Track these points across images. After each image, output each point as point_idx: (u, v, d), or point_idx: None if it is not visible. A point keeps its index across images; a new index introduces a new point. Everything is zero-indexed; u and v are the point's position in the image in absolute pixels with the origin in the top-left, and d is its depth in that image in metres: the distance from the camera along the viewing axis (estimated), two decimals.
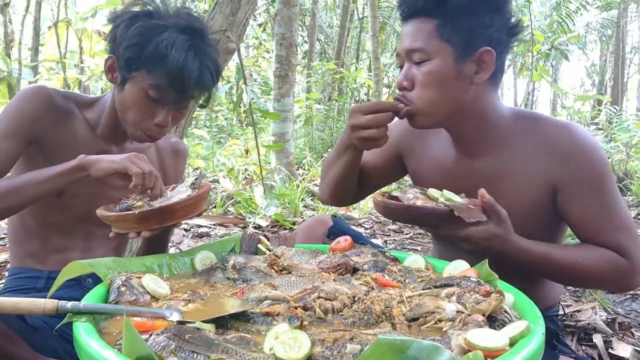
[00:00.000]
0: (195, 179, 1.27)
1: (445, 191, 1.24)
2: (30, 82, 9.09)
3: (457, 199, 1.21)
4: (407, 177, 1.64)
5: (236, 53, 2.41)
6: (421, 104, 1.24)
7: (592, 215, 1.24)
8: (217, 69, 1.34)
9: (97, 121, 1.39)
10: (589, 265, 1.21)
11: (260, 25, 11.55)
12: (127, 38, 1.26)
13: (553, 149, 1.24)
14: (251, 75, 10.86)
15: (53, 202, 1.36)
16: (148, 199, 1.22)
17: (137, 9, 1.33)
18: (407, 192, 1.23)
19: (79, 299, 0.88)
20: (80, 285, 1.37)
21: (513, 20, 1.24)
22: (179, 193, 1.23)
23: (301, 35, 11.83)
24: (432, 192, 1.23)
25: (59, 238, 1.40)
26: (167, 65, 1.23)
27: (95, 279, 1.01)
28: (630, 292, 1.46)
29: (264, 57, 11.74)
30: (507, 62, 1.27)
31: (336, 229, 1.48)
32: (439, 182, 1.33)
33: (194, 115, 2.34)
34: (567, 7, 13.06)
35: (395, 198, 1.22)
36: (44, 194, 1.21)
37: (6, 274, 2.51)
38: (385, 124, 1.24)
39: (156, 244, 1.41)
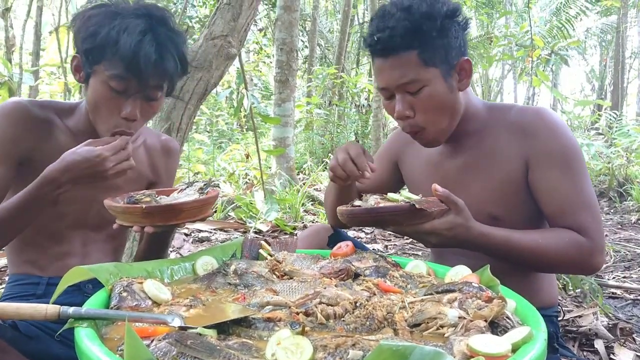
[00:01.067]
0: (204, 184, 1.27)
1: (402, 191, 1.28)
2: (31, 87, 9.11)
3: (415, 196, 1.23)
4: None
5: (237, 58, 2.41)
6: (430, 126, 1.32)
7: (557, 190, 1.28)
8: (182, 54, 1.27)
9: (79, 128, 1.35)
10: (549, 246, 1.24)
11: (260, 30, 11.58)
12: (83, 31, 1.23)
13: (523, 128, 1.33)
14: (252, 80, 10.88)
15: (50, 210, 1.32)
16: (158, 197, 1.21)
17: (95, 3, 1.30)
18: (369, 200, 1.25)
19: (78, 305, 0.88)
20: (80, 291, 1.36)
21: (461, 18, 1.31)
22: (187, 196, 1.23)
23: (302, 40, 11.85)
24: (391, 195, 1.25)
25: (57, 245, 1.38)
26: (120, 51, 1.18)
27: (96, 285, 1.00)
28: (593, 273, 1.43)
29: (264, 62, 11.77)
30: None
31: (337, 237, 1.49)
32: (426, 180, 1.39)
33: (194, 120, 2.35)
34: (566, 13, 13.11)
35: (358, 206, 1.24)
36: (27, 224, 1.22)
37: (6, 279, 2.51)
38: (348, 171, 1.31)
39: (157, 245, 1.40)
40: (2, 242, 1.24)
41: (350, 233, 1.63)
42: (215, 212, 4.16)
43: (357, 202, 1.26)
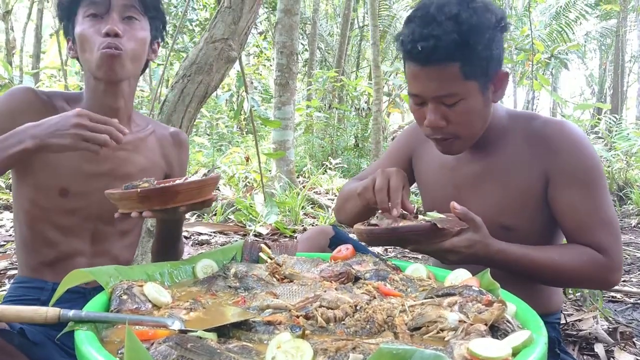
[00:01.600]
0: (208, 170, 1.28)
1: (420, 216, 1.27)
2: None
3: (436, 214, 1.24)
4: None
5: (237, 61, 2.41)
6: (464, 136, 1.29)
7: (578, 207, 1.27)
8: None
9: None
10: (566, 263, 1.24)
11: (261, 33, 11.60)
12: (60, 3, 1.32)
13: (546, 141, 1.30)
14: (252, 83, 10.90)
15: (58, 203, 1.33)
16: (155, 182, 1.20)
17: None
18: (383, 219, 1.25)
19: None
20: (84, 299, 1.35)
21: (504, 24, 1.26)
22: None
23: (302, 43, 11.88)
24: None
25: (70, 241, 1.36)
26: None
27: (97, 289, 1.00)
28: (612, 289, 1.46)
29: (264, 65, 11.79)
30: (507, 71, 1.31)
31: (338, 239, 1.49)
32: (440, 182, 1.38)
33: (194, 123, 2.35)
34: (566, 17, 13.13)
35: (374, 225, 1.24)
36: None
37: (6, 281, 2.51)
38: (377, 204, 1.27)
39: (168, 239, 1.39)
40: None
41: (351, 235, 1.63)
42: (215, 215, 4.16)
43: (373, 221, 1.25)
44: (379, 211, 1.27)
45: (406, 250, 3.49)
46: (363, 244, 1.40)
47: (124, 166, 1.38)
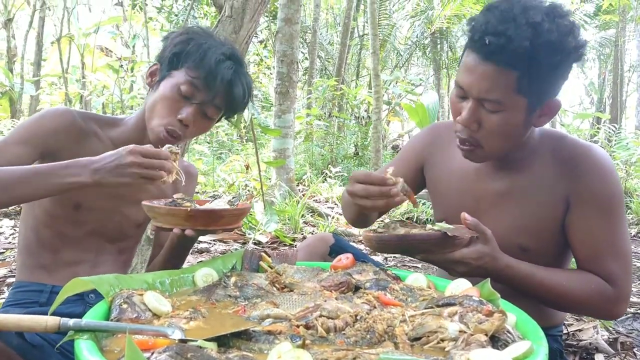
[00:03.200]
0: (233, 197, 1.32)
1: (428, 225, 1.25)
2: (32, 97, 9.14)
3: (445, 225, 1.22)
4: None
5: None
6: (488, 148, 1.25)
7: (593, 235, 1.25)
8: (250, 90, 1.41)
9: (121, 140, 1.39)
10: (573, 289, 1.23)
11: (261, 42, 11.65)
12: (175, 40, 1.38)
13: (573, 166, 1.27)
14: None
15: (70, 215, 1.38)
16: (195, 203, 1.26)
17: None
18: (390, 226, 1.26)
19: (81, 315, 0.88)
20: (83, 301, 1.37)
21: (580, 52, 1.18)
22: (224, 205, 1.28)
23: (302, 52, 11.92)
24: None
25: (71, 251, 1.41)
26: (204, 62, 1.31)
27: (98, 295, 1.00)
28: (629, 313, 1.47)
29: (264, 74, 11.83)
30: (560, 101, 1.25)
31: (338, 247, 1.49)
32: (457, 193, 1.35)
33: None
34: None
35: (382, 232, 1.25)
36: (40, 196, 1.19)
37: (5, 288, 2.51)
38: (377, 196, 1.16)
39: (180, 253, 1.41)
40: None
41: (351, 244, 1.63)
42: None
43: (380, 229, 1.25)
44: (387, 220, 1.27)
45: (406, 259, 3.47)
46: (370, 250, 1.40)
47: (137, 193, 1.43)
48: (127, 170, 1.13)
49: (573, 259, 1.35)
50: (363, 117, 9.72)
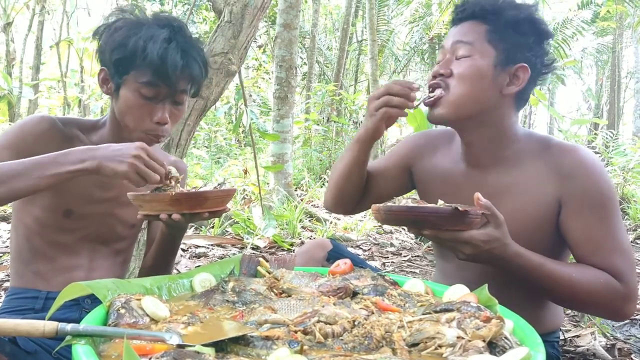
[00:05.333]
0: (219, 184, 1.32)
1: (440, 201, 1.23)
2: (30, 101, 9.13)
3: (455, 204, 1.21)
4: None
5: (237, 74, 2.43)
6: (453, 94, 1.31)
7: (591, 233, 1.25)
8: (203, 58, 1.36)
9: (103, 142, 1.37)
10: (582, 282, 1.20)
11: (260, 46, 11.67)
12: (110, 43, 1.30)
13: (560, 166, 1.29)
14: (250, 96, 10.94)
15: (61, 222, 1.36)
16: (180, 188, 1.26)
17: (114, 18, 1.36)
18: (402, 201, 1.23)
19: (77, 320, 0.88)
20: (78, 306, 1.36)
21: (547, 58, 1.35)
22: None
23: (301, 57, 11.95)
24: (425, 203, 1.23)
25: (65, 258, 1.39)
26: (149, 59, 1.25)
27: (94, 300, 1.00)
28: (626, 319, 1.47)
29: (263, 78, 11.85)
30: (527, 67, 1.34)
31: (335, 253, 1.49)
32: (445, 195, 1.35)
33: (193, 136, 2.36)
34: (563, 33, 13.25)
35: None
36: (42, 187, 1.16)
37: (2, 293, 2.50)
38: (398, 106, 1.33)
39: (167, 249, 1.40)
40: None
41: (348, 249, 1.63)
42: (213, 227, 4.16)
43: (389, 203, 1.22)
44: (397, 198, 1.26)
45: (404, 264, 3.47)
46: (368, 255, 1.40)
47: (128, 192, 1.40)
48: (129, 160, 1.13)
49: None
50: (361, 122, 9.73)
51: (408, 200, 1.24)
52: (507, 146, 1.35)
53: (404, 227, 1.34)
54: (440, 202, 1.21)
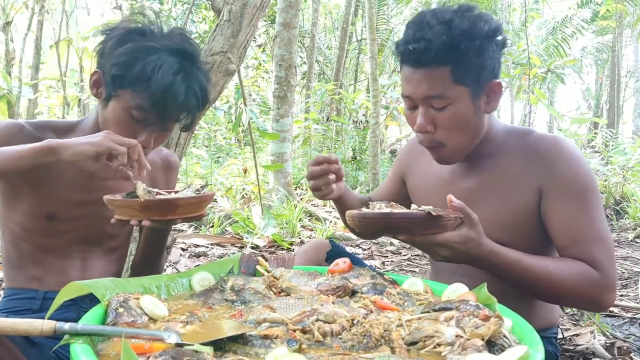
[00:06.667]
0: (201, 187, 1.29)
1: (413, 206, 1.24)
2: (30, 100, 9.13)
3: (428, 207, 1.21)
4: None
5: (236, 73, 2.42)
6: (450, 144, 1.31)
7: (571, 222, 1.25)
8: (205, 94, 1.32)
9: None
10: (560, 274, 1.20)
11: (259, 46, 11.66)
12: (116, 56, 1.24)
13: (540, 156, 1.30)
14: (250, 95, 10.94)
15: (45, 226, 1.35)
16: (155, 192, 1.23)
17: (129, 24, 1.31)
18: (375, 207, 1.23)
19: (75, 320, 0.88)
20: (76, 306, 1.36)
21: (500, 37, 1.28)
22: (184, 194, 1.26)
23: (300, 56, 11.94)
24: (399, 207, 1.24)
25: (56, 260, 1.38)
26: (152, 87, 1.21)
27: (92, 300, 1.00)
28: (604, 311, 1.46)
29: (263, 78, 11.84)
30: (504, 85, 1.31)
31: (334, 253, 1.49)
32: (435, 197, 1.37)
33: (193, 135, 2.36)
34: (563, 32, 13.25)
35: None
36: (9, 169, 1.12)
37: (1, 292, 2.50)
38: (320, 176, 1.37)
39: (153, 248, 1.40)
40: None
41: (348, 248, 1.63)
42: (213, 226, 4.15)
43: (364, 210, 1.23)
44: (371, 203, 1.27)
45: (404, 263, 3.47)
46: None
47: (114, 190, 1.37)
48: (96, 139, 1.10)
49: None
50: (361, 121, 9.72)
51: (382, 204, 1.24)
52: (488, 144, 1.36)
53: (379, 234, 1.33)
54: (414, 206, 1.22)
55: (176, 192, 1.30)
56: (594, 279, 1.21)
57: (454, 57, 1.21)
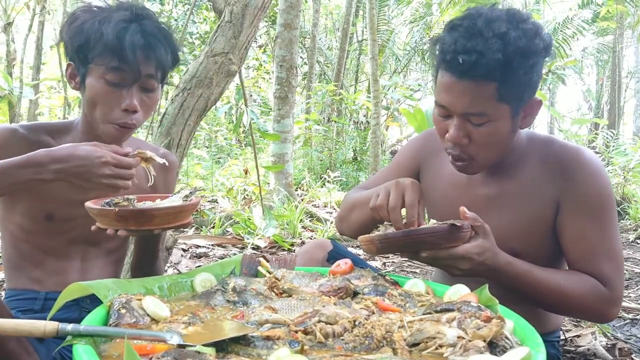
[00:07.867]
0: (190, 192, 1.26)
1: (432, 220, 1.25)
2: (31, 101, 9.13)
3: (435, 222, 1.21)
4: None
5: (237, 74, 2.43)
6: (481, 159, 1.27)
7: (585, 237, 1.25)
8: (171, 43, 1.29)
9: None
10: (569, 288, 1.22)
11: (260, 46, 11.66)
12: (69, 32, 1.25)
13: (561, 168, 1.28)
14: (251, 95, 10.94)
15: (44, 227, 1.35)
16: (136, 201, 1.20)
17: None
18: (387, 227, 1.24)
19: (76, 320, 0.88)
20: (78, 306, 1.36)
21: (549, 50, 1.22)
22: (170, 202, 1.22)
23: (301, 57, 11.94)
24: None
25: (56, 261, 1.39)
26: (104, 39, 1.20)
27: (94, 300, 1.00)
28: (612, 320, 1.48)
29: (264, 78, 11.84)
30: (540, 99, 1.28)
31: (336, 253, 1.48)
32: (449, 199, 1.35)
33: (194, 136, 2.36)
34: (563, 32, 13.24)
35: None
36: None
37: (2, 293, 2.50)
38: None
39: (145, 254, 1.39)
40: None
41: (349, 249, 1.62)
42: (214, 227, 4.16)
43: (382, 230, 1.22)
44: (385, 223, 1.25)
45: (405, 264, 3.46)
46: (369, 256, 1.38)
47: (111, 194, 1.35)
48: (96, 180, 1.10)
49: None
50: (362, 122, 9.73)
51: (386, 224, 1.23)
52: (510, 153, 1.33)
53: (397, 253, 1.30)
54: (432, 221, 1.21)
55: (166, 197, 1.27)
56: (601, 295, 1.22)
57: (503, 75, 1.14)
